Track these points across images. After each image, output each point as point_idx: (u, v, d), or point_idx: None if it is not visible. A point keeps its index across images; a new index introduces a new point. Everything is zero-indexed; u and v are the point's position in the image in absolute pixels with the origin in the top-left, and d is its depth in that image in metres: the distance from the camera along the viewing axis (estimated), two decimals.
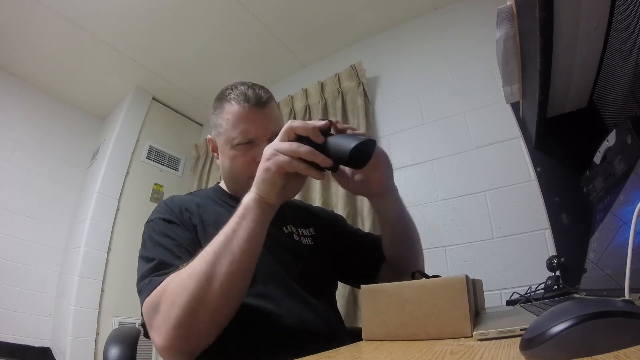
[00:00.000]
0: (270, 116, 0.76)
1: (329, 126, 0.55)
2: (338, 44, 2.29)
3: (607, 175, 0.72)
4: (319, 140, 0.53)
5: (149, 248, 0.65)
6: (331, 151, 0.52)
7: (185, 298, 0.51)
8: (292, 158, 0.52)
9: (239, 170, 0.75)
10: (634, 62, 0.85)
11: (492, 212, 1.47)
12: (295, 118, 2.20)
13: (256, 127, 0.73)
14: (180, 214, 0.71)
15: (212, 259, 0.53)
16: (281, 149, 0.53)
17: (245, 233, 0.54)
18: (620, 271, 0.49)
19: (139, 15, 1.99)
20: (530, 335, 0.26)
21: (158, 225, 0.69)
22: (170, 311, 0.51)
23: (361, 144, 0.51)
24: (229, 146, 0.75)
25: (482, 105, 1.64)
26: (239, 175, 0.76)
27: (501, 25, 1.07)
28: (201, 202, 0.77)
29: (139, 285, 0.60)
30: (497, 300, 1.32)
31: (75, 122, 2.68)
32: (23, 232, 2.20)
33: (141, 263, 0.63)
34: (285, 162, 0.52)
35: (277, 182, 0.54)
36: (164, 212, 0.71)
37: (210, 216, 0.74)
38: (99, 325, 2.00)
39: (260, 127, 0.73)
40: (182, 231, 0.68)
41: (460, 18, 1.90)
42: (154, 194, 2.52)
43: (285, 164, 0.53)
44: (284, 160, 0.52)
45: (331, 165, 0.53)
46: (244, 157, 0.74)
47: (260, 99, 0.74)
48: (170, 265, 0.59)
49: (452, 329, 0.42)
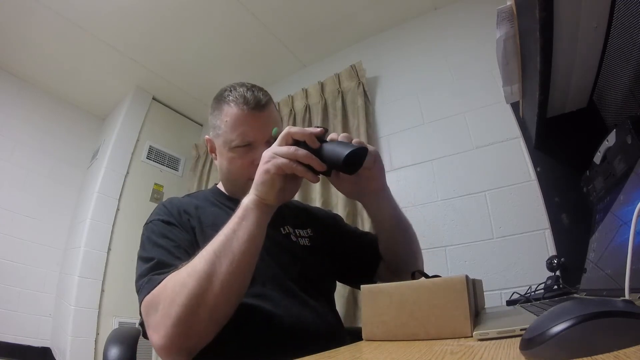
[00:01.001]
0: (269, 119, 0.75)
1: (324, 133, 0.58)
2: (338, 44, 2.29)
3: (607, 175, 0.72)
4: (314, 145, 0.57)
5: (147, 249, 0.65)
6: (326, 157, 0.56)
7: (185, 296, 0.51)
8: (290, 160, 0.55)
9: (237, 172, 0.75)
10: (634, 62, 0.85)
11: (492, 212, 1.47)
12: (295, 118, 2.21)
13: (254, 130, 0.73)
14: (178, 216, 0.72)
15: (213, 258, 0.53)
16: (280, 152, 0.56)
17: (245, 233, 0.55)
18: (620, 271, 0.49)
19: (139, 15, 1.99)
20: (530, 335, 0.26)
21: (157, 226, 0.69)
22: (170, 309, 0.51)
23: (354, 151, 0.54)
24: (227, 148, 0.75)
25: (482, 105, 1.64)
26: (237, 177, 0.76)
27: (501, 25, 1.07)
28: (199, 204, 0.77)
29: (137, 283, 0.60)
30: (497, 300, 1.32)
31: (75, 122, 2.68)
32: (23, 232, 2.20)
33: (140, 263, 0.64)
34: (284, 164, 0.55)
35: (276, 183, 0.56)
36: (162, 214, 0.72)
37: (208, 218, 0.74)
38: (99, 325, 2.00)
39: (259, 130, 0.73)
40: (181, 232, 0.68)
41: (460, 18, 1.90)
42: (154, 194, 2.52)
43: (284, 166, 0.55)
44: (283, 163, 0.55)
45: (325, 169, 0.56)
46: (242, 160, 0.74)
47: (259, 102, 0.74)
48: (169, 265, 0.59)
49: (452, 329, 0.42)
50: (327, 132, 0.59)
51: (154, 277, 0.57)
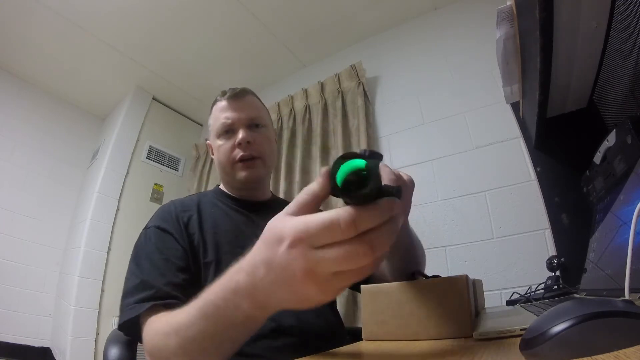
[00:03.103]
0: (248, 105, 0.84)
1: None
2: (338, 44, 2.28)
3: (607, 175, 0.72)
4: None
5: (137, 260, 0.67)
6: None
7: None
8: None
9: (223, 158, 0.81)
10: (634, 62, 0.85)
11: (492, 212, 1.47)
12: (295, 118, 2.21)
13: (233, 113, 0.82)
14: (177, 223, 0.72)
15: (198, 336, 0.43)
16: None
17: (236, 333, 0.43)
18: (620, 271, 0.49)
19: (139, 15, 1.99)
20: (530, 335, 0.26)
21: (152, 235, 0.70)
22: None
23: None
24: (216, 138, 0.83)
25: (482, 105, 1.64)
26: (225, 163, 0.82)
27: (501, 25, 1.07)
28: (200, 205, 0.79)
29: (122, 301, 0.62)
30: (497, 300, 1.32)
31: (75, 122, 2.68)
32: (23, 232, 2.20)
33: (128, 274, 0.65)
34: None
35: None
36: (160, 220, 0.73)
37: (208, 220, 0.76)
38: (99, 325, 2.00)
39: (237, 113, 0.82)
40: (174, 243, 0.69)
41: (460, 18, 1.90)
42: (154, 194, 2.52)
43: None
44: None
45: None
46: (226, 144, 0.81)
47: (235, 91, 0.84)
48: (151, 287, 0.60)
49: (452, 329, 0.42)
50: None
51: (137, 306, 0.58)
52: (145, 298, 0.58)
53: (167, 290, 0.61)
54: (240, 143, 0.79)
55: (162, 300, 0.58)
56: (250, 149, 0.80)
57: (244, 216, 0.81)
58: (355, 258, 0.27)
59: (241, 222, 0.79)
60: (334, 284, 0.30)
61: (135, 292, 0.60)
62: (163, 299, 0.59)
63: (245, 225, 0.79)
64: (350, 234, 0.27)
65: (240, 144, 0.79)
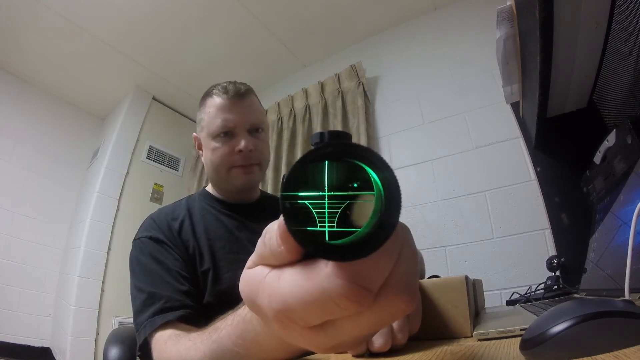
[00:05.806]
0: (250, 107, 0.78)
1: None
2: (338, 44, 2.28)
3: (607, 175, 0.72)
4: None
5: (138, 274, 0.65)
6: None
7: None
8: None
9: (219, 161, 0.76)
10: (634, 62, 0.85)
11: (492, 212, 1.47)
12: (295, 118, 2.21)
13: (234, 116, 0.75)
14: (169, 231, 0.71)
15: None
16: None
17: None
18: (620, 271, 0.49)
19: (139, 16, 1.99)
20: (530, 335, 0.26)
21: (146, 246, 0.68)
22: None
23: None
24: (210, 138, 0.77)
25: (482, 105, 1.64)
26: (220, 167, 0.77)
27: (501, 25, 1.07)
28: (191, 210, 0.77)
29: (135, 320, 0.60)
30: (497, 300, 1.32)
31: (75, 122, 2.68)
32: (23, 232, 2.20)
33: (133, 292, 0.63)
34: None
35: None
36: (151, 230, 0.70)
37: (200, 226, 0.74)
38: (99, 325, 2.00)
39: (239, 116, 0.76)
40: (170, 251, 0.67)
41: (460, 18, 1.90)
42: (154, 194, 2.52)
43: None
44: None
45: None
46: (224, 148, 0.75)
47: (238, 90, 0.77)
48: (160, 298, 0.59)
49: (452, 329, 0.42)
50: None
51: (153, 321, 0.57)
52: (157, 310, 0.57)
53: (178, 298, 0.60)
54: (242, 151, 0.74)
55: (175, 310, 0.57)
56: (251, 158, 0.76)
57: (237, 221, 0.79)
58: (376, 326, 0.19)
59: (234, 227, 0.78)
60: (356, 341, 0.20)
61: (146, 308, 0.59)
62: (175, 309, 0.58)
63: (239, 230, 0.77)
64: (355, 308, 0.16)
65: (241, 151, 0.74)
